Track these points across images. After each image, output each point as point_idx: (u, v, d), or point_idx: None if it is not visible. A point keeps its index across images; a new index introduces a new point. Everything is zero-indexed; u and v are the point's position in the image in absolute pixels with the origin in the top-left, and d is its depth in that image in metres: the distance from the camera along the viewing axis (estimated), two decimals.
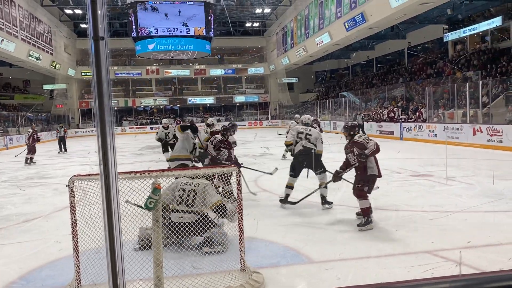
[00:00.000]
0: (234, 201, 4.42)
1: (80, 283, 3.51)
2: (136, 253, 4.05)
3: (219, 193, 5.33)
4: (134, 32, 31.94)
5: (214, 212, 4.22)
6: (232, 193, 4.75)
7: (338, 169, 5.45)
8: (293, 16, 34.30)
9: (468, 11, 24.37)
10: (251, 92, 45.23)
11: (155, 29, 31.95)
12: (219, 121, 42.66)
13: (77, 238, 3.50)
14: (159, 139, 11.61)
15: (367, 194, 5.09)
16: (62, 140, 18.98)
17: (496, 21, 20.43)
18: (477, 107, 16.10)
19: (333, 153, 13.98)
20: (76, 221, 3.50)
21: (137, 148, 19.43)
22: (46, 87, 37.22)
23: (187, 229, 3.93)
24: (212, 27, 33.15)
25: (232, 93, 44.87)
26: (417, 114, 19.21)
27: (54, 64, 33.35)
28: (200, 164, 7.21)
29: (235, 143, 7.51)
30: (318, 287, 3.59)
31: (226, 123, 7.32)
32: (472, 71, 20.77)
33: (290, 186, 6.42)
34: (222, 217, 4.25)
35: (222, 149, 6.77)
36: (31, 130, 14.81)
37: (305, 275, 3.82)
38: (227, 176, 4.07)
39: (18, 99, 39.48)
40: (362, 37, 26.89)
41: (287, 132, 9.92)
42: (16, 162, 13.81)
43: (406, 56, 31.82)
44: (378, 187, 6.72)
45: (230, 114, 44.57)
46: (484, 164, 10.61)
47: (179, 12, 31.96)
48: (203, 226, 4.19)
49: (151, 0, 31.14)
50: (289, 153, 8.58)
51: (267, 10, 37.46)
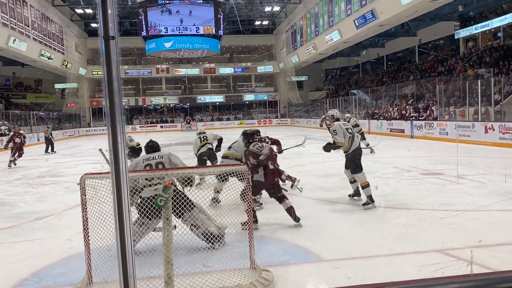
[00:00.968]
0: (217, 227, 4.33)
1: (91, 280, 3.54)
2: (146, 250, 4.07)
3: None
4: (144, 31, 32.10)
5: (181, 183, 4.01)
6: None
7: None
8: (303, 13, 34.20)
9: (480, 7, 24.09)
10: (261, 90, 45.21)
11: (164, 28, 32.07)
12: (228, 119, 42.79)
13: (88, 236, 3.53)
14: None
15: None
16: (49, 142, 18.42)
17: (509, 18, 20.15)
18: (489, 105, 15.91)
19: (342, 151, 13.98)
20: (87, 219, 3.53)
21: None
22: (58, 86, 37.58)
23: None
24: (222, 25, 33.18)
25: (241, 92, 44.90)
26: (428, 112, 19.05)
27: (66, 64, 33.66)
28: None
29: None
30: (327, 285, 3.59)
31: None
32: (484, 68, 20.53)
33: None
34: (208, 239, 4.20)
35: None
36: (12, 132, 14.37)
37: (315, 274, 3.82)
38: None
39: (30, 98, 39.96)
40: (372, 34, 26.73)
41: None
42: (28, 161, 13.97)
43: (416, 54, 31.57)
44: (376, 187, 6.69)
45: (239, 113, 44.63)
46: (496, 162, 10.49)
47: (190, 12, 32.06)
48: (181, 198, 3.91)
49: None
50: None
51: (276, 8, 37.39)
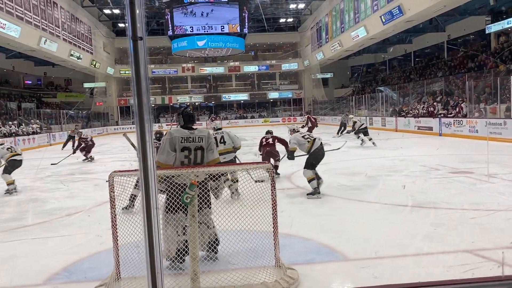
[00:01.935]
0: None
1: (119, 275, 3.62)
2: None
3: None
4: (170, 30, 32.47)
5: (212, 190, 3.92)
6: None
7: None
8: (328, 10, 33.89)
9: None
10: (285, 88, 45.07)
11: (190, 27, 32.37)
12: (252, 117, 42.91)
13: (116, 232, 3.59)
14: None
15: None
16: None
17: None
18: None
19: (369, 149, 13.82)
20: (115, 215, 3.60)
21: None
22: (87, 85, 38.50)
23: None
24: (247, 24, 33.25)
25: (265, 90, 44.89)
26: (457, 109, 18.60)
27: (94, 63, 34.42)
28: None
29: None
30: (353, 285, 3.56)
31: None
32: None
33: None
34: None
35: None
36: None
37: (341, 273, 3.80)
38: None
39: (61, 97, 41.08)
40: (399, 30, 26.24)
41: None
42: (60, 158, 14.32)
43: (445, 50, 30.77)
44: (404, 186, 6.72)
45: (263, 111, 44.65)
46: None
47: (212, 10, 32.30)
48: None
49: None
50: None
51: (301, 5, 37.17)
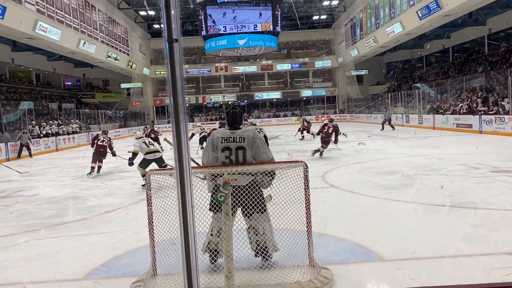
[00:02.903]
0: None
1: (155, 272, 3.70)
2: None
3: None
4: (204, 30, 32.85)
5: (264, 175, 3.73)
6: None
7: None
8: (362, 6, 33.35)
9: None
10: (318, 86, 44.70)
11: (223, 26, 32.63)
12: (285, 116, 42.84)
13: (153, 229, 3.68)
14: None
15: None
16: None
17: None
18: None
19: (406, 148, 13.52)
20: (152, 213, 3.68)
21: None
22: (124, 86, 39.55)
23: (240, 193, 3.62)
24: (279, 22, 33.20)
25: (298, 88, 44.67)
26: (499, 105, 17.88)
27: (131, 64, 35.29)
28: None
29: None
30: (389, 286, 3.50)
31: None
32: None
33: None
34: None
35: None
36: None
37: (376, 273, 3.74)
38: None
39: (99, 97, 42.38)
40: (437, 25, 25.48)
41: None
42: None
43: (486, 44, 29.65)
44: (442, 186, 6.56)
45: (296, 109, 44.47)
46: None
47: (244, 10, 32.48)
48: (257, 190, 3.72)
49: None
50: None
51: (334, 2, 36.75)
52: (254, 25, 32.71)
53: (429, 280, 3.47)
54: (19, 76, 33.55)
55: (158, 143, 15.58)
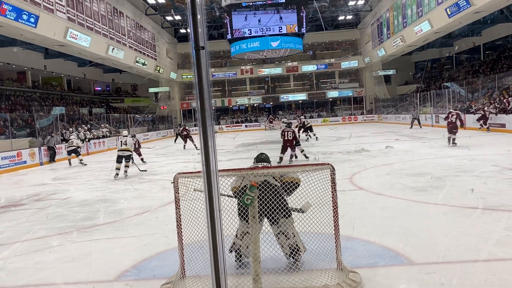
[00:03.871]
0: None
1: (184, 274, 3.76)
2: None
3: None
4: (229, 34, 33.09)
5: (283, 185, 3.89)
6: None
7: None
8: (389, 5, 32.87)
9: None
10: (345, 86, 44.27)
11: (248, 30, 32.80)
12: (311, 117, 42.66)
13: (181, 232, 3.74)
14: None
15: None
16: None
17: None
18: None
19: (435, 149, 13.23)
20: (180, 215, 3.74)
21: (233, 145, 20.14)
22: (152, 90, 40.26)
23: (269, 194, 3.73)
24: (304, 24, 33.12)
25: (324, 89, 44.37)
26: None
27: (158, 69, 35.88)
28: None
29: None
30: None
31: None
32: None
33: None
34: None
35: None
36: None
37: (405, 277, 3.67)
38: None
39: (127, 102, 43.28)
40: (467, 22, 24.84)
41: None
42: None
43: None
44: (472, 189, 6.32)
45: (323, 110, 44.17)
46: None
47: (269, 13, 32.57)
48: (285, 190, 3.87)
49: (245, 1, 31.93)
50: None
51: (360, 2, 36.37)
52: (279, 27, 32.75)
53: (460, 285, 3.39)
54: (51, 82, 34.65)
55: (191, 141, 19.48)
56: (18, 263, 4.66)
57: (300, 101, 44.90)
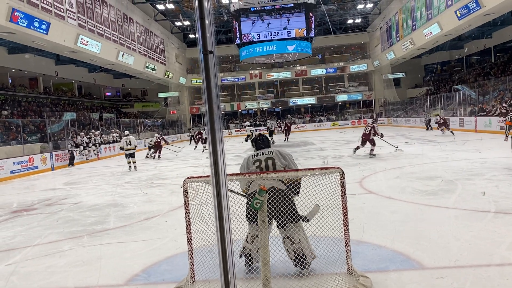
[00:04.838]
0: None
1: (194, 278, 3.75)
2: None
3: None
4: (238, 39, 33.21)
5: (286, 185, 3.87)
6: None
7: None
8: (398, 8, 32.77)
9: None
10: (354, 90, 44.15)
11: (257, 34, 32.89)
12: (320, 121, 42.52)
13: (191, 236, 3.73)
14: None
15: None
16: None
17: None
18: None
19: (446, 152, 13.11)
20: (189, 220, 3.74)
21: (242, 149, 20.15)
22: (161, 95, 40.51)
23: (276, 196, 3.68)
24: (313, 28, 33.13)
25: (333, 92, 44.27)
26: None
27: (167, 74, 36.11)
28: None
29: None
30: None
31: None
32: None
33: None
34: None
35: None
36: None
37: (417, 282, 3.63)
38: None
39: (137, 107, 43.60)
40: (477, 25, 24.66)
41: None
42: (138, 165, 15.17)
43: None
44: (484, 193, 6.24)
45: (332, 114, 44.05)
46: None
47: (277, 18, 32.67)
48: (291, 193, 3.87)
49: (253, 6, 32.05)
50: None
51: (369, 5, 36.30)
52: (287, 31, 32.79)
53: None
54: (62, 88, 35.03)
55: (203, 144, 22.19)
56: (29, 267, 4.70)
57: (309, 105, 44.85)
